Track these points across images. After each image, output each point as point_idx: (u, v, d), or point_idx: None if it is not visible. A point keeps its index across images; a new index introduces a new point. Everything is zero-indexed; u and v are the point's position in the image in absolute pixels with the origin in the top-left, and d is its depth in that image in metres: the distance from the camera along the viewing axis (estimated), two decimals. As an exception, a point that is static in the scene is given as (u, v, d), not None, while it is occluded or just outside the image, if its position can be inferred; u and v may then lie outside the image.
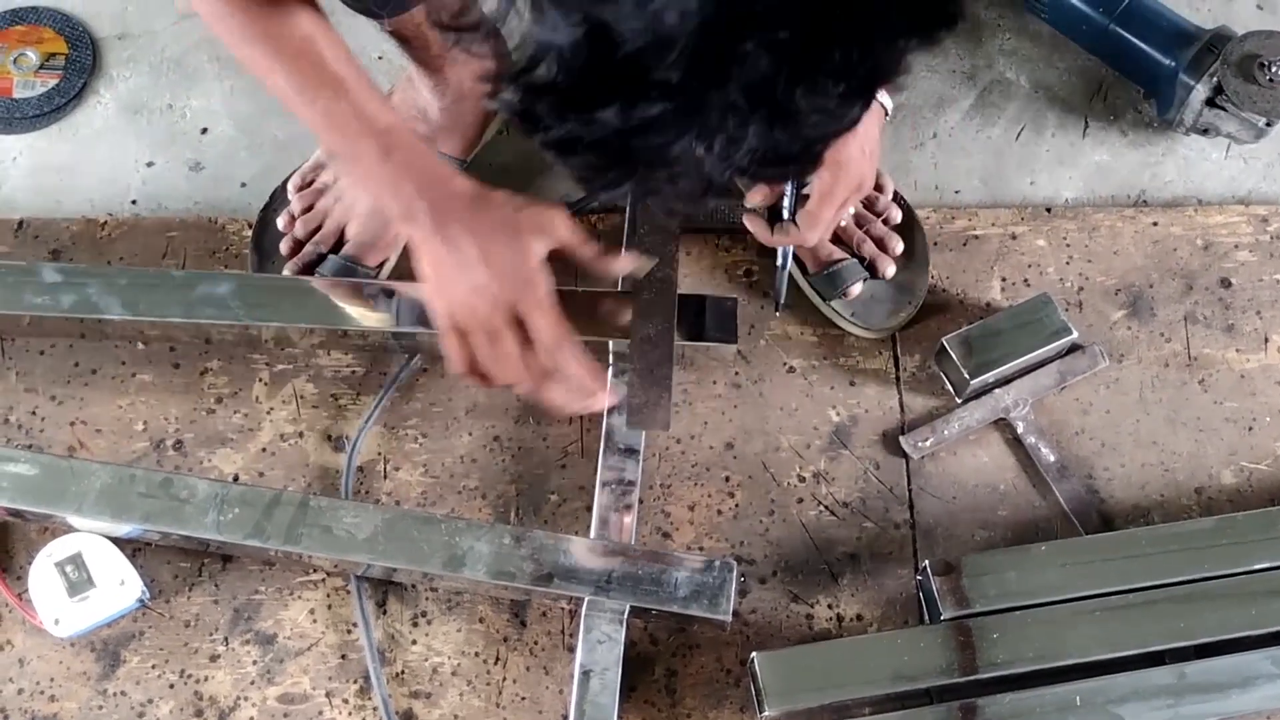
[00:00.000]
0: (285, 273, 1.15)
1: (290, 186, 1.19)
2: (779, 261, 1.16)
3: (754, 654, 1.02)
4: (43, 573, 1.05)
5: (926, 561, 1.05)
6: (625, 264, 1.06)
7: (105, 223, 1.23)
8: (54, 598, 1.05)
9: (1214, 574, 1.06)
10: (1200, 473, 1.14)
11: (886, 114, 1.14)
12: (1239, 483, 1.14)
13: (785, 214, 1.10)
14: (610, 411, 1.12)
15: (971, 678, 1.02)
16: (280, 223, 1.18)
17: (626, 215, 1.17)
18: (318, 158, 1.19)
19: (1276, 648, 1.03)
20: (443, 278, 0.95)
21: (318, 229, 1.17)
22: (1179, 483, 1.14)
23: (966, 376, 1.13)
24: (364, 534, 1.04)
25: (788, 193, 1.10)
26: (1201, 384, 1.17)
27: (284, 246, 1.17)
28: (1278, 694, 1.02)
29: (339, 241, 1.17)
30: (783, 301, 1.17)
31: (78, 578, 1.05)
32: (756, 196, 1.11)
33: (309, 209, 1.17)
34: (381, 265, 1.18)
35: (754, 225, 1.13)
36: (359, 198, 1.17)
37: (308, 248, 1.16)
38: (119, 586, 1.05)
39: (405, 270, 1.18)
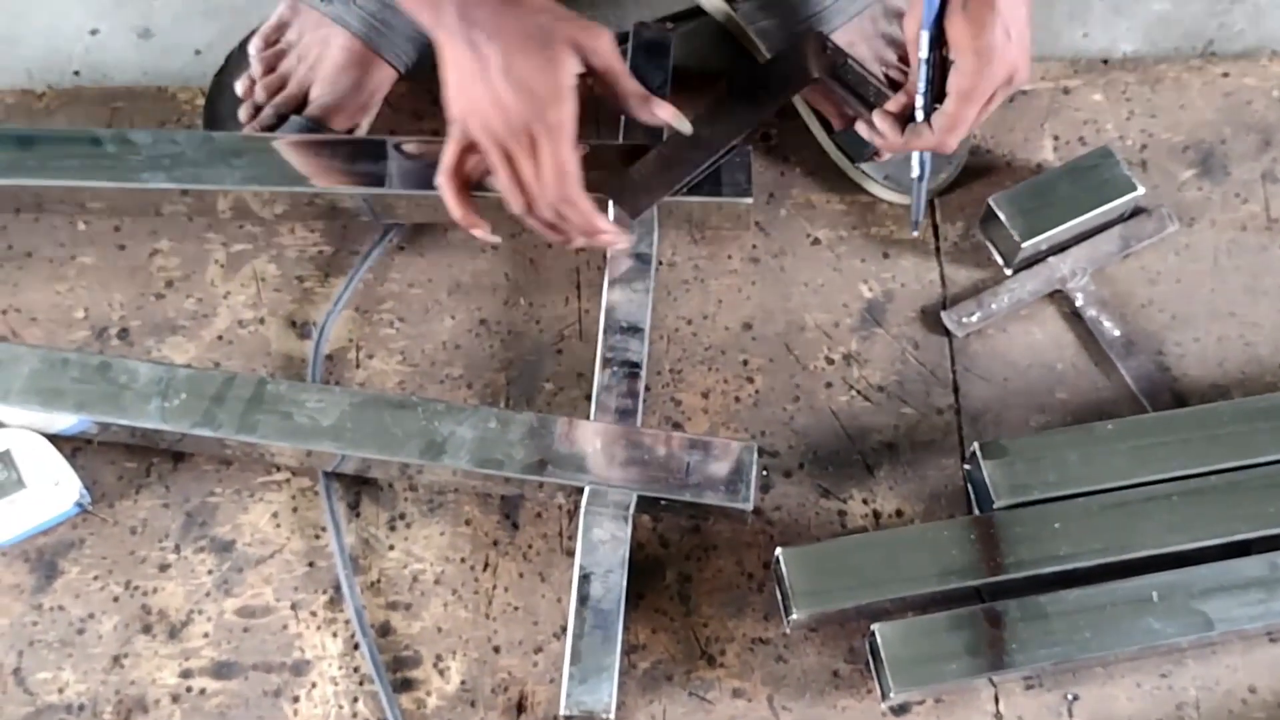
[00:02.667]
0: (249, 130, 1.03)
1: (250, 48, 1.06)
2: (914, 172, 0.99)
3: (778, 550, 0.89)
4: (-34, 472, 0.93)
5: (975, 444, 0.92)
6: (666, 113, 0.93)
7: (44, 94, 1.10)
8: (-20, 500, 0.92)
9: (1308, 453, 0.92)
10: (1285, 346, 1.00)
11: None
12: (1331, 356, 1.00)
13: (919, 114, 0.93)
14: (610, 286, 0.99)
15: (1029, 573, 0.89)
16: (239, 87, 1.05)
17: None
18: (281, 15, 1.06)
19: (1383, 534, 0.90)
20: (462, 85, 0.87)
21: (279, 92, 1.04)
22: (1262, 357, 1.00)
23: (1017, 241, 0.99)
24: (329, 420, 0.91)
25: (920, 89, 0.92)
26: (1284, 248, 1.04)
27: (242, 113, 1.04)
28: (1386, 586, 0.88)
29: (302, 106, 1.04)
30: (919, 219, 1.01)
31: (6, 478, 0.92)
32: (893, 105, 0.95)
33: (271, 70, 1.05)
34: (351, 132, 1.05)
35: (884, 125, 0.96)
36: (326, 56, 1.04)
37: (267, 110, 1.03)
38: (54, 488, 0.93)
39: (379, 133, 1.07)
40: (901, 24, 0.97)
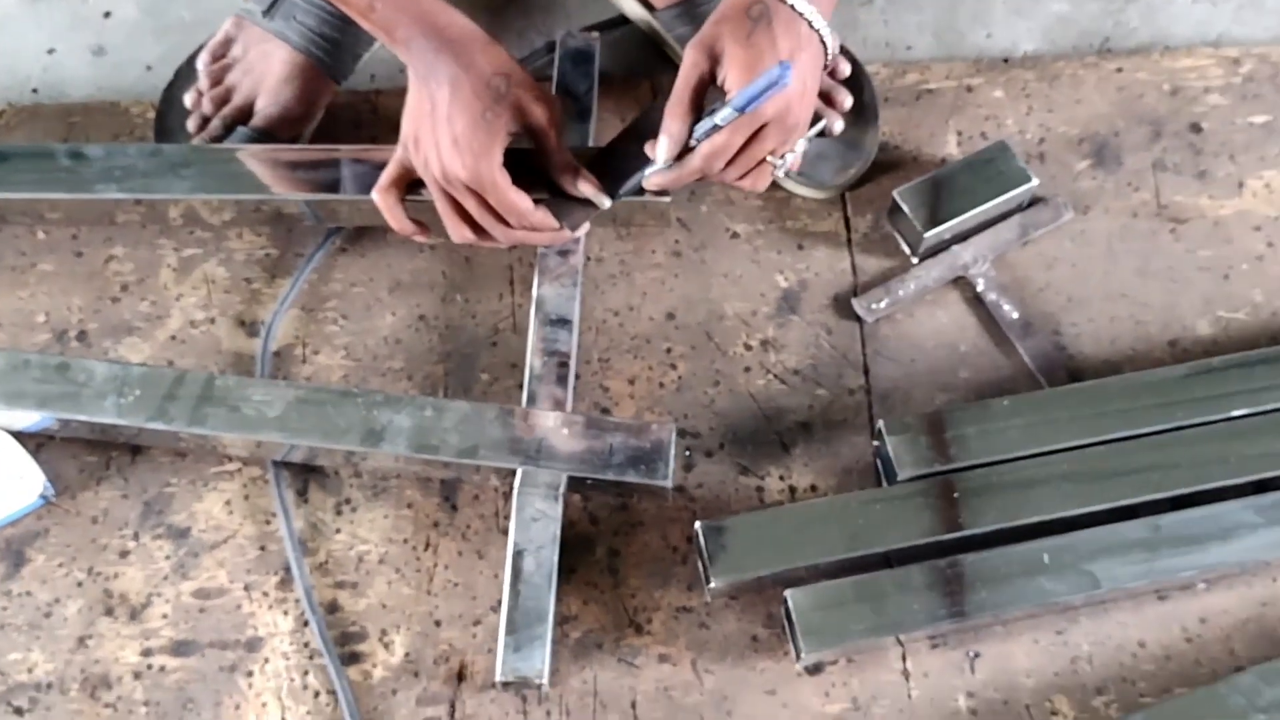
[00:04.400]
0: (199, 140, 1.09)
1: (198, 62, 1.12)
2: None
3: (697, 523, 0.95)
4: (-66, 468, 0.98)
5: (881, 421, 0.98)
6: (588, 189, 0.98)
7: (3, 111, 1.16)
8: (-52, 495, 0.98)
9: (1188, 423, 0.99)
10: (1174, 324, 1.07)
11: (827, 53, 0.95)
12: (1215, 333, 1.06)
13: (693, 140, 0.94)
14: (540, 282, 1.05)
15: (931, 539, 0.95)
16: (187, 100, 1.11)
17: (554, 80, 1.11)
18: (226, 31, 1.12)
19: (1257, 497, 0.96)
20: (413, 117, 0.94)
21: (226, 104, 1.10)
22: (1151, 335, 1.07)
23: (920, 230, 1.06)
24: (275, 411, 0.97)
25: (696, 136, 0.94)
26: (1173, 233, 1.10)
27: (191, 124, 1.10)
28: (1259, 544, 0.95)
29: (248, 117, 1.10)
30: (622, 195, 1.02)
31: (-27, 472, 0.98)
32: (663, 146, 0.95)
33: (217, 83, 1.11)
34: (294, 141, 1.11)
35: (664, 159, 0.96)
36: (270, 69, 1.10)
37: (215, 122, 1.09)
38: (18, 481, 0.99)
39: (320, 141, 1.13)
40: None
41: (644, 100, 1.16)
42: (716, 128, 0.91)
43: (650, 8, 1.14)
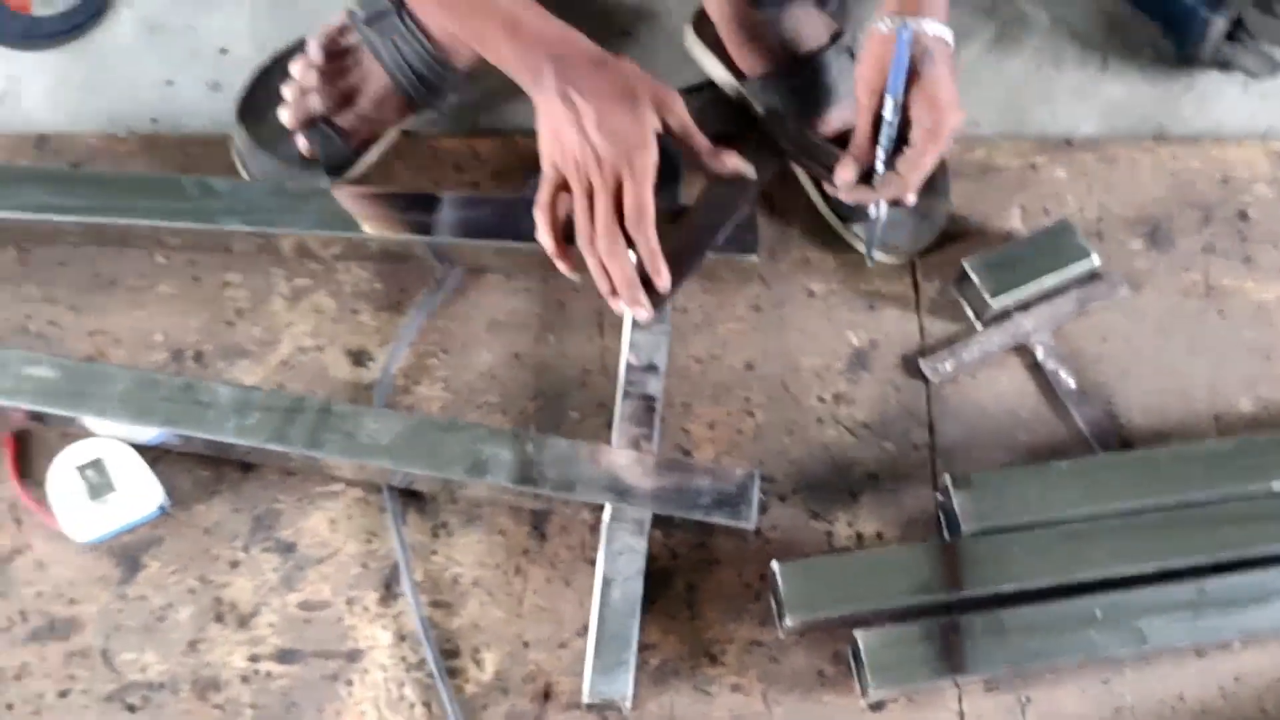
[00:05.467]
0: (281, 116, 1.16)
1: (311, 45, 1.16)
2: (872, 214, 1.13)
3: (774, 562, 1.03)
4: (63, 476, 1.05)
5: (947, 475, 1.06)
6: (733, 162, 1.08)
7: (125, 138, 1.23)
8: (75, 501, 1.04)
9: (1233, 494, 1.06)
10: (1219, 400, 1.14)
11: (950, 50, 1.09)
12: (1257, 411, 1.14)
13: (881, 166, 1.08)
14: (632, 327, 1.12)
15: (990, 591, 1.02)
16: (294, 69, 1.17)
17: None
18: (342, 23, 1.18)
19: (1295, 565, 1.04)
20: (558, 134, 1.01)
21: (330, 86, 1.16)
22: (1198, 410, 1.14)
23: (987, 298, 1.13)
24: (386, 440, 1.04)
25: (883, 145, 1.08)
26: (1220, 313, 1.18)
27: (287, 92, 1.16)
28: (1296, 610, 1.03)
29: (339, 108, 1.17)
30: (874, 251, 1.16)
31: (98, 482, 1.05)
32: (848, 169, 1.10)
33: (326, 68, 1.17)
34: (365, 146, 1.19)
35: (849, 182, 1.11)
36: (368, 80, 1.17)
37: (311, 99, 1.16)
38: (139, 492, 1.05)
39: (383, 166, 1.21)
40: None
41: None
42: (889, 124, 1.06)
43: (740, 76, 1.21)
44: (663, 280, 1.04)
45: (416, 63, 1.16)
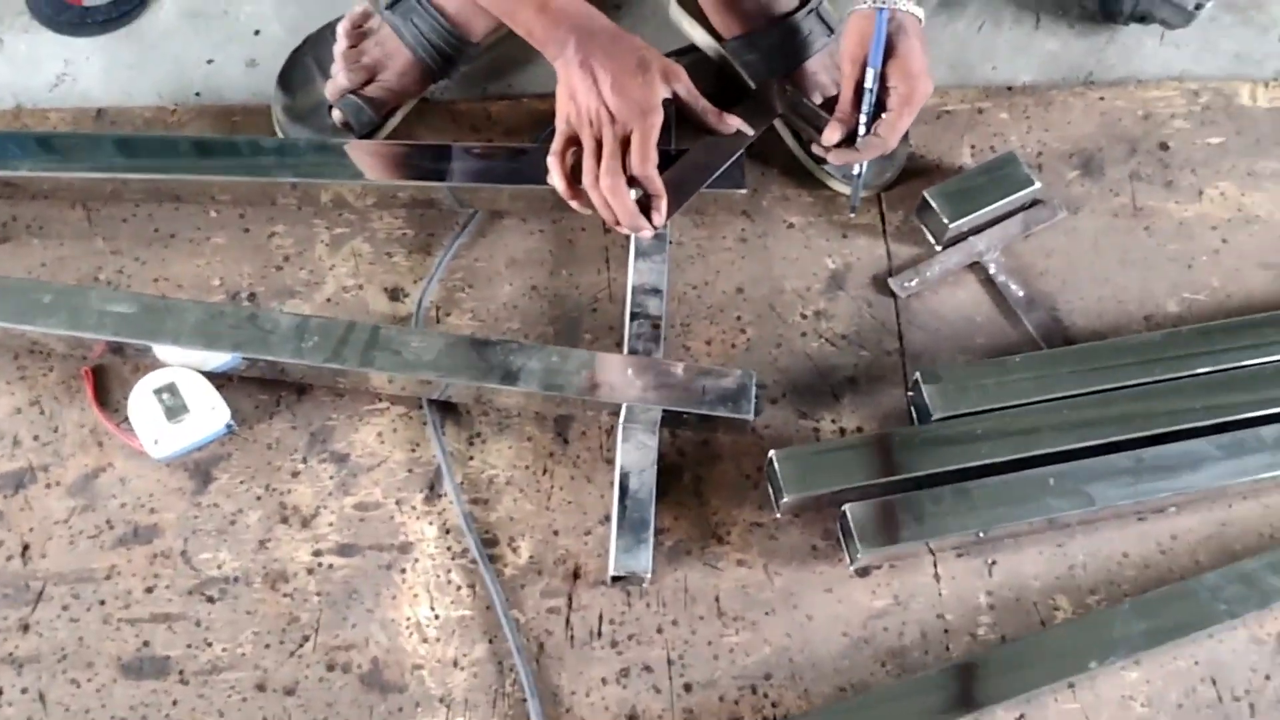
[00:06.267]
0: (326, 92, 1.31)
1: (341, 27, 1.31)
2: (855, 171, 1.28)
3: (771, 451, 1.18)
4: (142, 399, 1.18)
5: (918, 372, 1.22)
6: (736, 122, 1.24)
7: (174, 110, 1.37)
8: (153, 421, 1.18)
9: (1162, 378, 1.22)
10: (1148, 303, 1.31)
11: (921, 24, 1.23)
12: (1181, 310, 1.31)
13: (863, 129, 1.23)
14: (636, 257, 1.27)
15: (959, 466, 1.18)
16: (337, 49, 1.32)
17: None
18: (365, 8, 1.33)
19: (1217, 436, 1.20)
20: (575, 95, 1.16)
21: (356, 64, 1.31)
22: (1130, 312, 1.31)
23: (945, 223, 1.29)
24: (429, 356, 1.18)
25: (865, 111, 1.22)
26: (1146, 230, 1.35)
27: (338, 70, 1.31)
28: (1220, 473, 1.18)
29: (367, 82, 1.31)
30: (857, 204, 1.32)
31: (173, 403, 1.18)
32: (835, 132, 1.24)
33: (354, 46, 1.31)
34: (391, 113, 1.33)
35: (835, 142, 1.25)
36: (391, 55, 1.31)
37: (340, 77, 1.30)
38: (210, 412, 1.19)
39: (407, 128, 1.36)
40: None
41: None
42: (870, 91, 1.19)
43: (719, 38, 1.37)
44: (661, 216, 1.19)
45: (434, 38, 1.31)
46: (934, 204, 1.30)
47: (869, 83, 1.21)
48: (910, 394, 1.24)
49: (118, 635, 1.13)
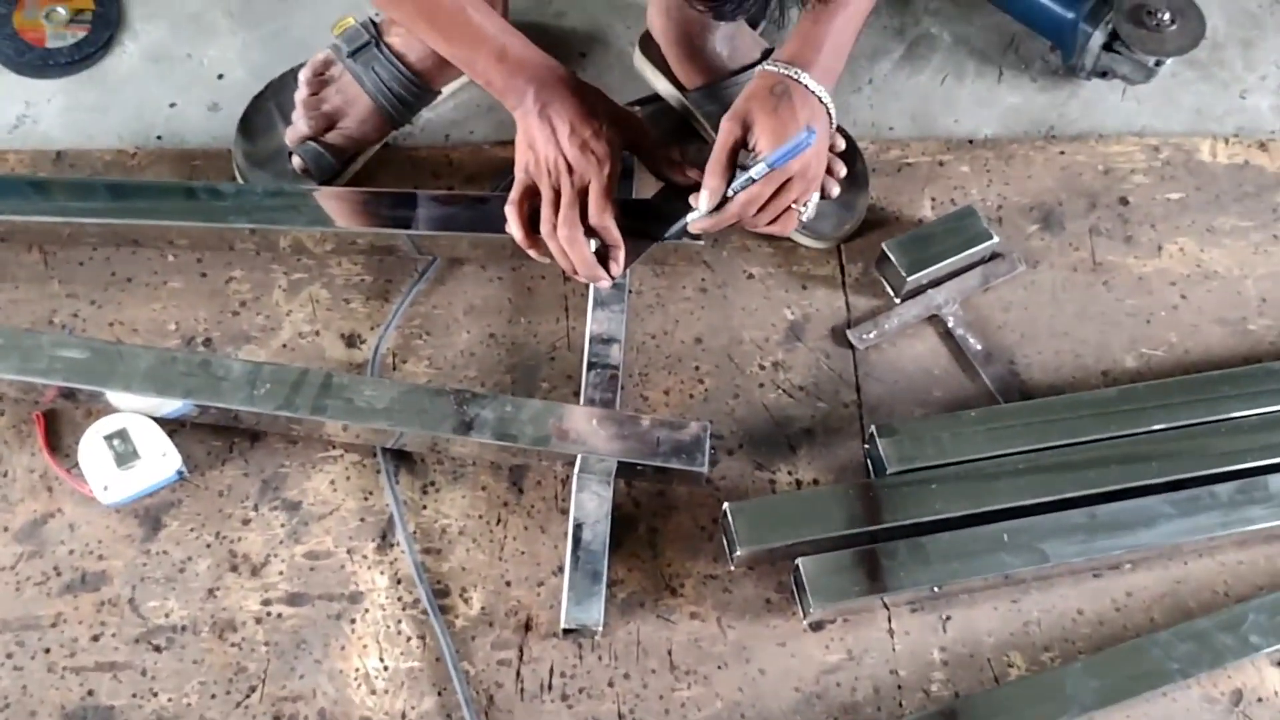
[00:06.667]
0: (286, 138, 1.31)
1: (302, 74, 1.31)
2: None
3: (725, 504, 1.17)
4: (92, 445, 1.18)
5: (873, 425, 1.21)
6: (694, 174, 1.22)
7: (135, 153, 1.37)
8: (103, 467, 1.17)
9: (1118, 434, 1.22)
10: (1106, 358, 1.31)
11: (831, 116, 1.21)
12: (1139, 366, 1.31)
13: (729, 193, 1.18)
14: (594, 306, 1.27)
15: (913, 520, 1.17)
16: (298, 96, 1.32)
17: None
18: (327, 56, 1.33)
19: (1172, 493, 1.20)
20: (534, 145, 1.17)
21: (315, 111, 1.31)
22: (1088, 366, 1.31)
23: (904, 275, 1.30)
24: (382, 404, 1.18)
25: (735, 188, 1.17)
26: (1105, 285, 1.35)
27: (298, 118, 1.31)
28: (1174, 531, 1.18)
29: (325, 130, 1.31)
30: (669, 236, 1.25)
31: (124, 450, 1.18)
32: (708, 196, 1.18)
33: (314, 94, 1.31)
34: (352, 159, 1.33)
35: (699, 222, 1.21)
36: (352, 103, 1.31)
37: (300, 124, 1.30)
38: (160, 458, 1.18)
39: (368, 174, 1.36)
40: None
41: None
42: (751, 180, 1.15)
43: (682, 88, 1.38)
44: (618, 266, 1.19)
45: (395, 86, 1.32)
46: (893, 256, 1.30)
47: (755, 173, 1.15)
48: (866, 447, 1.24)
49: (62, 684, 1.12)
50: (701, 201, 1.19)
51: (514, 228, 1.19)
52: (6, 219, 1.26)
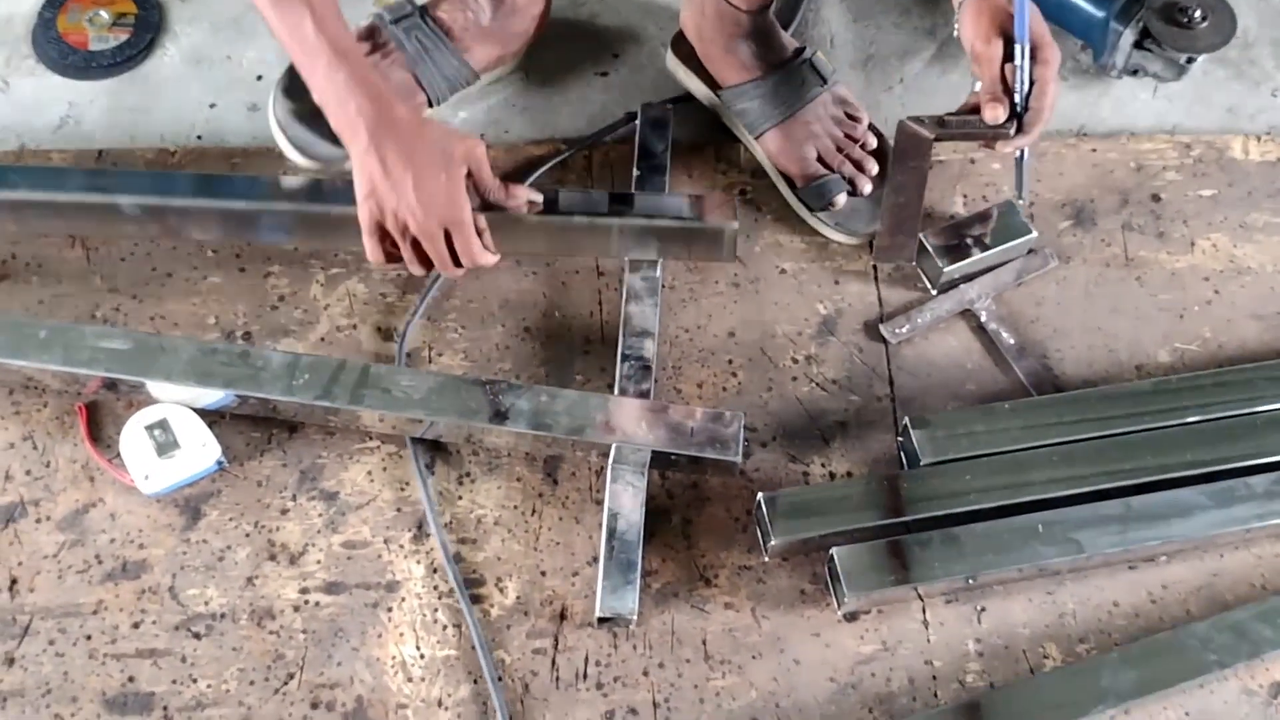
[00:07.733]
0: None
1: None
2: (1020, 157, 1.25)
3: (760, 494, 1.18)
4: (134, 435, 1.19)
5: (907, 417, 1.22)
6: (525, 194, 1.21)
7: (175, 152, 1.39)
8: (144, 457, 1.18)
9: (1152, 426, 1.22)
10: (1139, 353, 1.31)
11: None
12: (1173, 360, 1.31)
13: (1020, 104, 1.18)
14: (628, 300, 1.28)
15: (946, 511, 1.17)
16: None
17: (636, 143, 1.36)
18: (372, 24, 1.35)
19: (1207, 485, 1.19)
20: (375, 193, 1.12)
21: None
22: (1122, 361, 1.31)
23: (941, 267, 1.30)
24: (419, 395, 1.19)
25: (1019, 91, 1.17)
26: (1138, 280, 1.35)
27: None
28: (1209, 522, 1.18)
29: None
30: (1024, 193, 1.28)
31: (164, 440, 1.19)
32: (998, 109, 1.18)
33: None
34: None
35: (1009, 143, 1.21)
36: (397, 63, 1.33)
37: None
38: (200, 449, 1.19)
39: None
40: (852, 106, 1.30)
41: (709, 160, 1.40)
42: (1021, 68, 1.16)
43: (715, 88, 1.39)
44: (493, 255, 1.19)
45: (437, 57, 1.33)
46: (931, 249, 1.31)
47: (1019, 59, 1.16)
48: (900, 439, 1.25)
49: (103, 670, 1.13)
50: (999, 114, 1.17)
51: (375, 257, 1.18)
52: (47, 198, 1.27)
